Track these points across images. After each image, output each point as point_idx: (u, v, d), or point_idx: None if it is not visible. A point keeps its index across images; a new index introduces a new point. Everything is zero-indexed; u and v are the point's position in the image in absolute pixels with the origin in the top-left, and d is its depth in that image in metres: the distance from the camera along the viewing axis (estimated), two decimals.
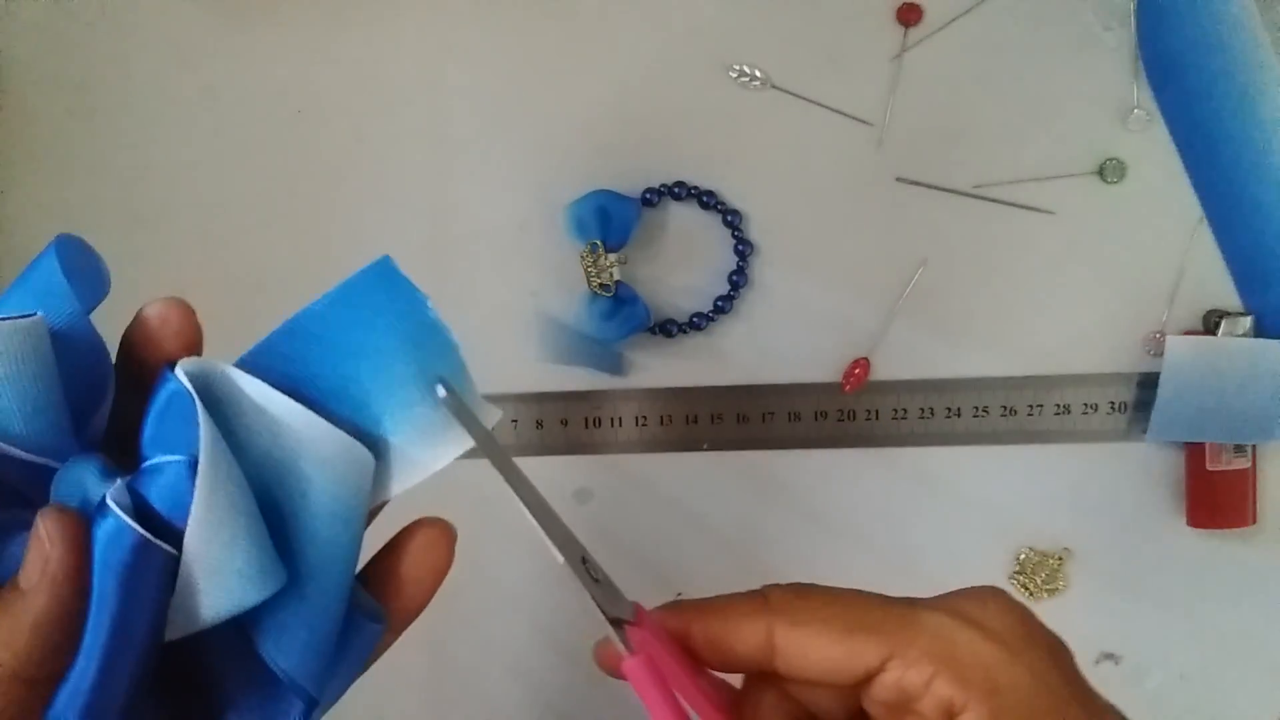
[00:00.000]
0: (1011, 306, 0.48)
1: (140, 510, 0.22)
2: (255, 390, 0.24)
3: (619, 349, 0.50)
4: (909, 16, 0.48)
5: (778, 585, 0.26)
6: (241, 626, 0.22)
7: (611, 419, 0.50)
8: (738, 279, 0.48)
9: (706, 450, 0.50)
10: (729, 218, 0.48)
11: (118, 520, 0.21)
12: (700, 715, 0.25)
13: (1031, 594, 0.48)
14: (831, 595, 0.25)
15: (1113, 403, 0.48)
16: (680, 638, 0.25)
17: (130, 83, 0.51)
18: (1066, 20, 0.48)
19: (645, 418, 0.50)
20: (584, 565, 0.26)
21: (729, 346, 0.49)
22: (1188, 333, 0.47)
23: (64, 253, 0.26)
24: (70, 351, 0.23)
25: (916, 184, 0.48)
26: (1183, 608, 0.48)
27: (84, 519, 0.22)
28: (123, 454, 0.23)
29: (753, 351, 0.49)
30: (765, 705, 0.25)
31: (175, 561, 0.22)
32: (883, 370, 0.49)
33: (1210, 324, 0.47)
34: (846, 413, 0.49)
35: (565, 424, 0.50)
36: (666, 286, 0.50)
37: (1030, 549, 0.48)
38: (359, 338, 0.25)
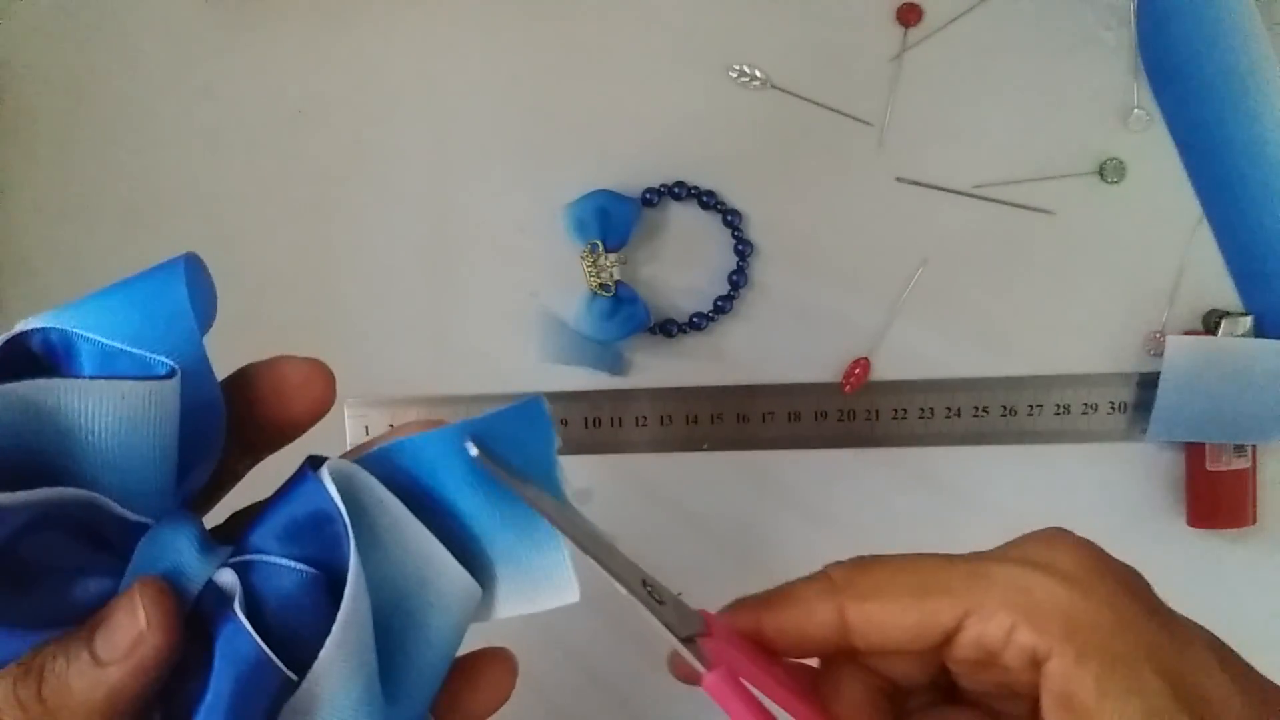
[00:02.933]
0: (1011, 306, 0.48)
1: (250, 605, 0.21)
2: (395, 510, 0.22)
3: (619, 349, 0.50)
4: (909, 16, 0.48)
5: (838, 563, 0.26)
6: None
7: (611, 419, 0.50)
8: (738, 279, 0.48)
9: (706, 450, 0.50)
10: (729, 218, 0.48)
11: (246, 635, 0.20)
12: (786, 708, 0.24)
13: None
14: (896, 563, 0.25)
15: (1113, 403, 0.48)
16: (752, 634, 0.25)
17: (130, 83, 0.51)
18: (1066, 20, 0.48)
19: (645, 418, 0.50)
20: (646, 589, 0.25)
21: (729, 346, 0.49)
22: (1188, 333, 0.47)
23: (191, 276, 0.24)
24: (185, 399, 0.21)
25: (916, 184, 0.48)
26: (1183, 608, 0.48)
27: (180, 598, 0.20)
28: (205, 501, 0.23)
29: (753, 351, 0.49)
30: (845, 682, 0.25)
31: (293, 685, 0.20)
32: (883, 370, 0.49)
33: (1210, 324, 0.47)
34: (846, 413, 0.49)
35: (565, 424, 0.50)
36: (666, 286, 0.50)
37: None
38: (490, 484, 0.23)
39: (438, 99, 0.50)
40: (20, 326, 0.22)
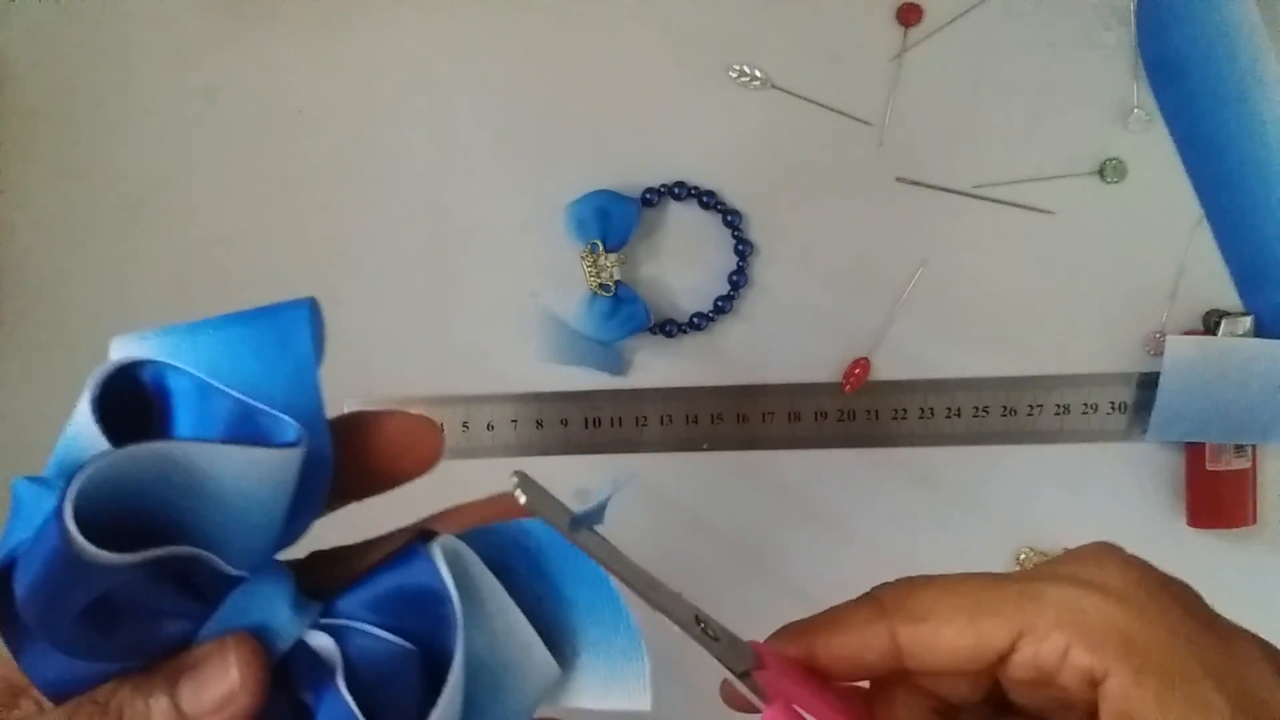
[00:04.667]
0: (1011, 306, 0.48)
1: (345, 671, 0.21)
2: (494, 591, 0.22)
3: (619, 349, 0.50)
4: (909, 16, 0.48)
5: (886, 585, 0.26)
6: None
7: (611, 419, 0.50)
8: (738, 279, 0.48)
9: (706, 450, 0.50)
10: (729, 218, 0.48)
11: (346, 709, 0.20)
12: None
13: None
14: (945, 584, 0.25)
15: (1113, 403, 0.48)
16: (804, 661, 0.25)
17: (130, 83, 0.51)
18: (1066, 20, 0.48)
19: (645, 418, 0.50)
20: (700, 626, 0.26)
21: (729, 346, 0.49)
22: (1188, 333, 0.47)
23: (315, 323, 0.24)
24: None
25: (916, 184, 0.48)
26: None
27: (271, 658, 0.20)
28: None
29: (753, 351, 0.49)
30: (899, 703, 0.25)
31: None
32: (883, 370, 0.49)
33: (1210, 324, 0.47)
34: (846, 413, 0.49)
35: (565, 424, 0.50)
36: (666, 286, 0.50)
37: (1030, 549, 0.48)
38: (589, 570, 0.24)
39: (438, 99, 0.50)
40: (128, 352, 0.22)
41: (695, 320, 0.49)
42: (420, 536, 0.22)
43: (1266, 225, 0.46)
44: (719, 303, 0.48)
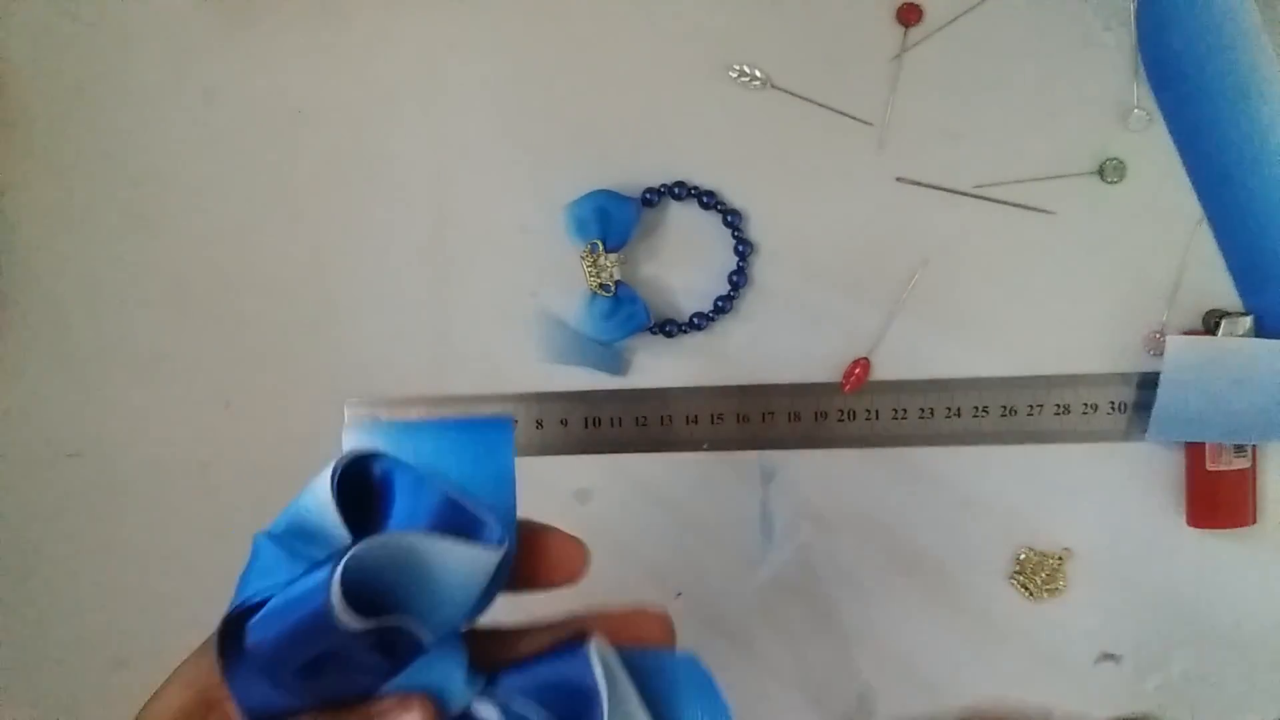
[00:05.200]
0: (1011, 306, 0.48)
1: None
2: (631, 701, 0.26)
3: (619, 349, 0.50)
4: (909, 16, 0.48)
5: None
6: None
7: (611, 419, 0.50)
8: (738, 279, 0.48)
9: (706, 450, 0.50)
10: (729, 218, 0.48)
11: None
12: None
13: (1031, 594, 0.48)
14: None
15: (1113, 403, 0.48)
16: None
17: (130, 83, 0.51)
18: (1066, 20, 0.48)
19: (645, 418, 0.50)
20: None
21: (729, 346, 0.50)
22: (1188, 333, 0.47)
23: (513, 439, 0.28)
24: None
25: (916, 184, 0.48)
26: (1183, 608, 0.48)
27: (443, 718, 0.24)
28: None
29: (753, 351, 0.49)
30: None
31: None
32: (883, 370, 0.49)
33: (1210, 324, 0.47)
34: (846, 413, 0.49)
35: (565, 424, 0.50)
36: (666, 286, 0.50)
37: (1030, 549, 0.48)
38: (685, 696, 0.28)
39: (438, 99, 0.50)
40: (361, 442, 0.27)
41: (695, 320, 0.49)
42: (579, 635, 0.26)
43: (1266, 225, 0.46)
44: (719, 303, 0.49)
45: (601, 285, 0.48)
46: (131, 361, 0.51)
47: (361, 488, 0.27)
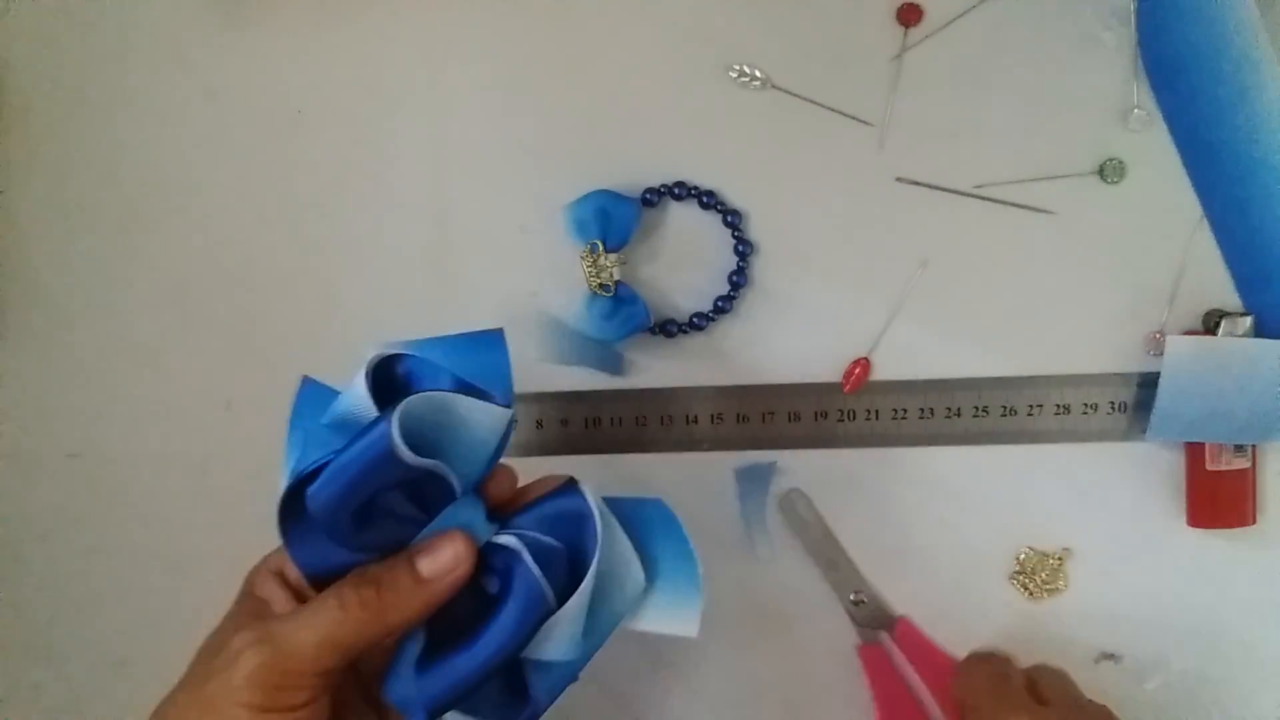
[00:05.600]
0: (1011, 306, 0.48)
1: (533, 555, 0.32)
2: (612, 525, 0.34)
3: (619, 349, 0.50)
4: (909, 16, 0.48)
5: None
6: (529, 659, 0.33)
7: (611, 419, 0.50)
8: (738, 279, 0.48)
9: (706, 450, 0.50)
10: (729, 218, 0.48)
11: (534, 577, 0.31)
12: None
13: (1031, 594, 0.48)
14: None
15: (1113, 403, 0.48)
16: None
17: (130, 83, 0.51)
18: (1066, 20, 0.48)
19: (645, 418, 0.50)
20: (853, 598, 0.47)
21: (729, 346, 0.49)
22: (1188, 333, 0.47)
23: (504, 343, 0.34)
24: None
25: (916, 184, 0.48)
26: (1183, 608, 0.48)
27: (476, 548, 0.31)
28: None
29: (753, 351, 0.49)
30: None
31: (551, 612, 0.31)
32: (883, 370, 0.49)
33: (1210, 324, 0.47)
34: (846, 413, 0.49)
35: (565, 424, 0.50)
36: (666, 286, 0.50)
37: (1030, 549, 0.48)
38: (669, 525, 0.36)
39: (438, 99, 0.50)
40: (384, 349, 0.33)
41: (695, 320, 0.49)
42: (570, 482, 0.34)
43: (1266, 225, 0.46)
44: (719, 303, 0.49)
45: (601, 285, 0.48)
46: (131, 361, 0.51)
47: (389, 389, 0.32)
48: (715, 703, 0.49)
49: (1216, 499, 0.47)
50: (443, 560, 0.30)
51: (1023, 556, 0.48)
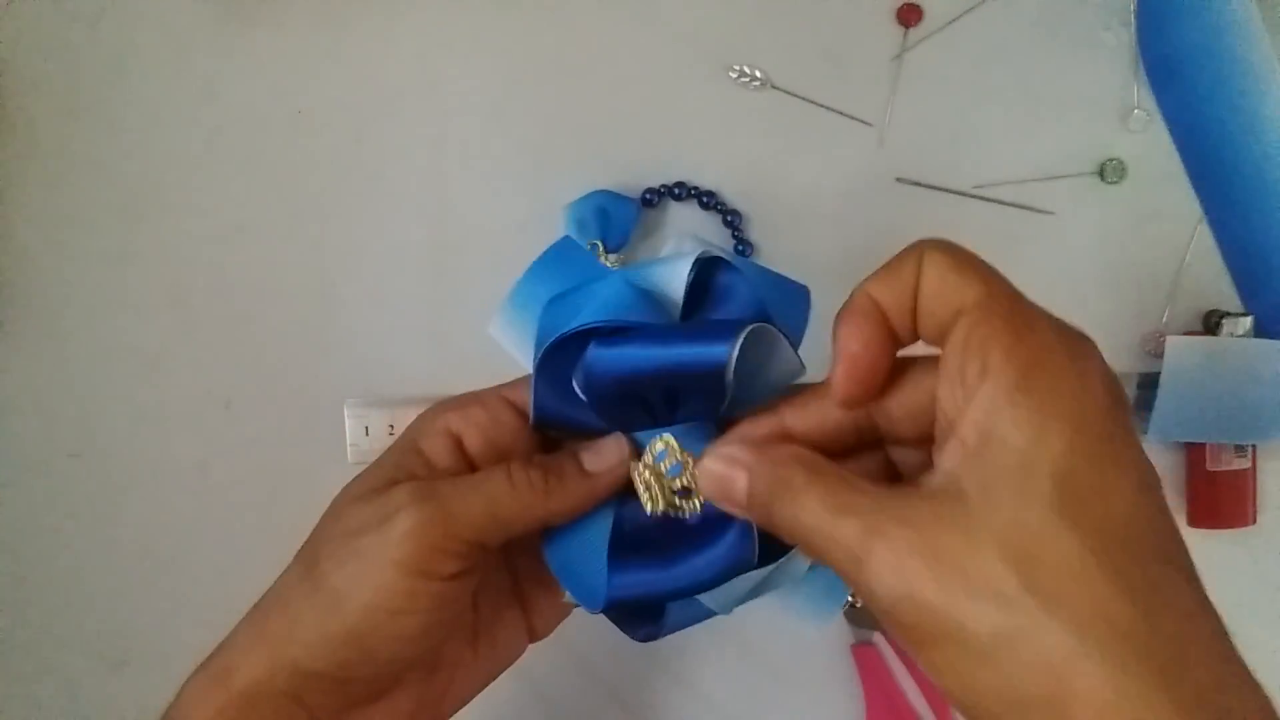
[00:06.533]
0: None
1: None
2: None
3: None
4: (909, 16, 0.48)
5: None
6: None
7: None
8: None
9: None
10: (729, 218, 0.48)
11: (751, 546, 0.30)
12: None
13: None
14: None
15: None
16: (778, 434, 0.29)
17: (130, 83, 0.51)
18: (1066, 20, 0.48)
19: None
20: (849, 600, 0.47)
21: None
22: (1188, 333, 0.47)
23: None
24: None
25: (916, 184, 0.48)
26: None
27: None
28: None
29: None
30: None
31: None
32: None
33: (1210, 324, 0.47)
34: None
35: None
36: None
37: None
38: None
39: (438, 99, 0.50)
40: (711, 248, 0.31)
41: None
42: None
43: (1266, 225, 0.46)
44: None
45: None
46: (131, 361, 0.51)
47: (700, 287, 0.32)
48: (713, 701, 0.49)
49: (1216, 499, 0.47)
50: (607, 456, 0.30)
51: None
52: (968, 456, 0.23)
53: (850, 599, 0.47)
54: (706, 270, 0.32)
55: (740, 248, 0.48)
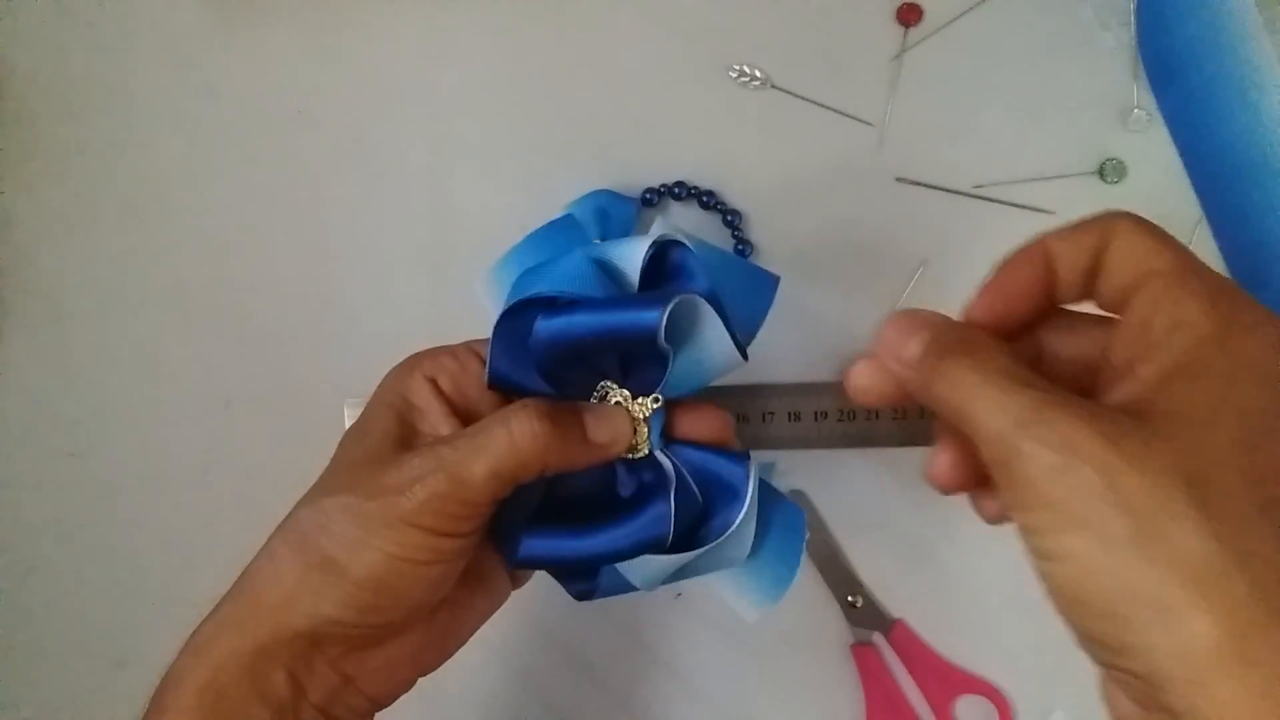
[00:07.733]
0: None
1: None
2: (751, 523, 0.34)
3: None
4: (909, 16, 0.48)
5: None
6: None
7: None
8: None
9: None
10: (729, 218, 0.48)
11: (667, 523, 0.31)
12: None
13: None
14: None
15: None
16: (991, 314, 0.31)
17: (130, 83, 0.51)
18: (1066, 20, 0.48)
19: None
20: (850, 599, 0.47)
21: None
22: None
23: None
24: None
25: (916, 184, 0.48)
26: None
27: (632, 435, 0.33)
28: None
29: (753, 351, 0.49)
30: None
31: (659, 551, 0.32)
32: None
33: None
34: (846, 413, 0.49)
35: None
36: None
37: None
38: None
39: (438, 99, 0.50)
40: (674, 233, 0.33)
41: None
42: (745, 455, 0.35)
43: (1266, 226, 0.46)
44: None
45: None
46: (131, 361, 0.51)
47: (658, 266, 0.33)
48: (713, 701, 0.49)
49: None
50: (613, 428, 0.32)
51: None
52: (1151, 386, 0.24)
53: (850, 599, 0.47)
54: (665, 253, 0.33)
55: (740, 247, 0.48)
